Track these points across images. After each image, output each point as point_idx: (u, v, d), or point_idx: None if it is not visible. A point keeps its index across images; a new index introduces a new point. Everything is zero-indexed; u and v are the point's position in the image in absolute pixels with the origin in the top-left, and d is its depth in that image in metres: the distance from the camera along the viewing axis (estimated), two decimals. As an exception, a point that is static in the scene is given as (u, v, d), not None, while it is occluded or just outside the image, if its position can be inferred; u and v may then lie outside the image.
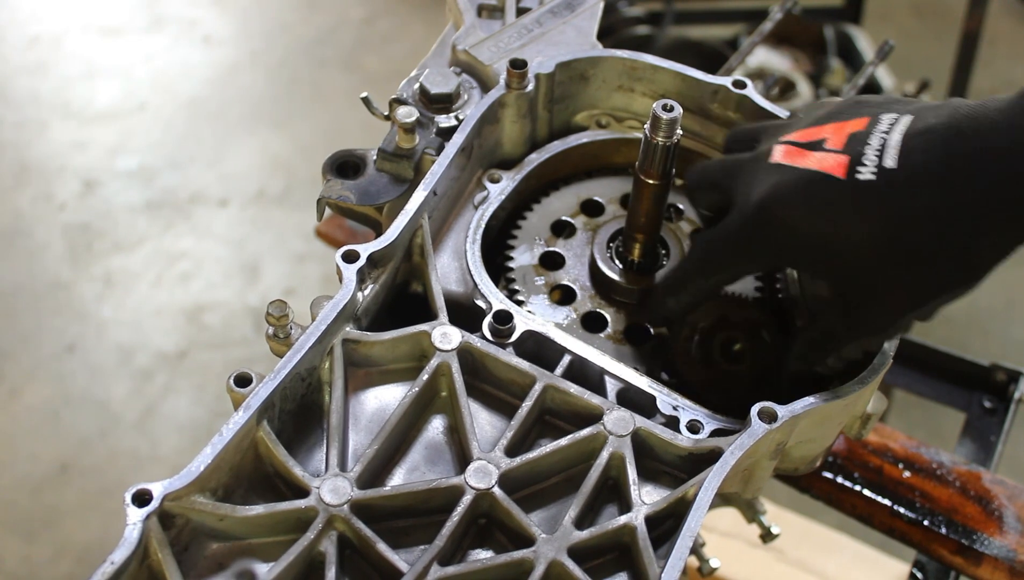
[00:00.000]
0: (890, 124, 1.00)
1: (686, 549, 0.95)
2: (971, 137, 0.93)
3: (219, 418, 3.59)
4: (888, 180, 0.97)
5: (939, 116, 0.97)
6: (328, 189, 1.22)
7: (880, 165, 0.97)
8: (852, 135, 1.02)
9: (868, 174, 0.97)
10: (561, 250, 1.28)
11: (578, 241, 1.29)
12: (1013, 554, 1.46)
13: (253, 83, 4.96)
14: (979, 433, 1.77)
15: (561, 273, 1.26)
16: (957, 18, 3.56)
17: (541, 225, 1.30)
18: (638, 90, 1.35)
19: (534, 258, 1.27)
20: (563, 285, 1.25)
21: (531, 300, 1.22)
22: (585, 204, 1.32)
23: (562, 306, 1.22)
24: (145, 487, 0.92)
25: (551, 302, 1.23)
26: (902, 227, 0.96)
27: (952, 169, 0.94)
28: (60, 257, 4.15)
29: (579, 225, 1.30)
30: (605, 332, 1.20)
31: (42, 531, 3.34)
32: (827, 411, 1.06)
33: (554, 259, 1.27)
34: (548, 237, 1.29)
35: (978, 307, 4.04)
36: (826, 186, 0.99)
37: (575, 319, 1.21)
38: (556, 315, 1.21)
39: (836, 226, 0.99)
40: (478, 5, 1.40)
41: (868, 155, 0.99)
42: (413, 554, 0.99)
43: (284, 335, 1.07)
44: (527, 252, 1.27)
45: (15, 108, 4.79)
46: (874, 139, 1.00)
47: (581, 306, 1.23)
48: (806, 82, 3.68)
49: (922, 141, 0.96)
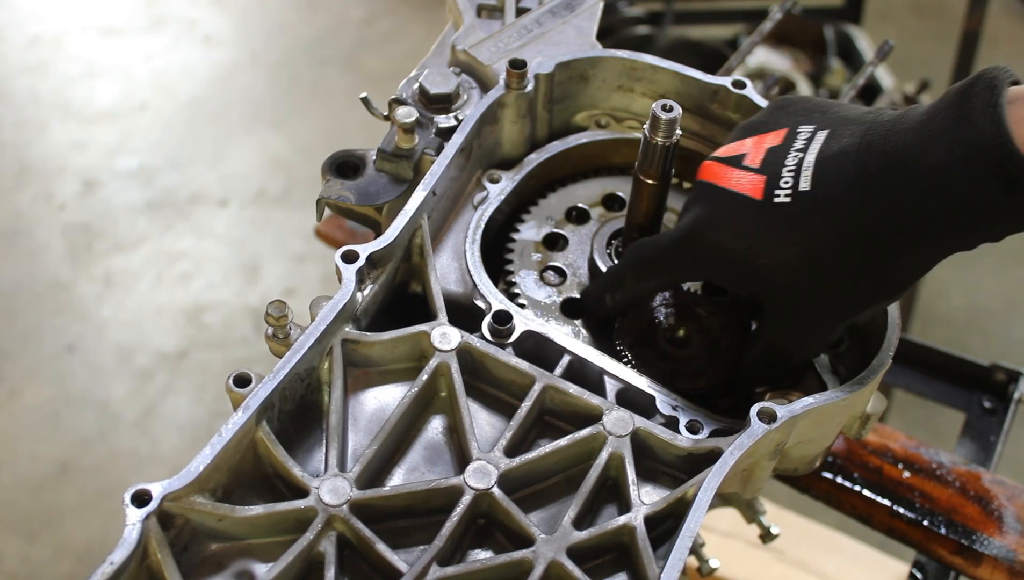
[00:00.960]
0: (806, 141, 1.02)
1: (686, 549, 0.95)
2: (883, 156, 0.94)
3: (219, 418, 3.59)
4: (803, 204, 0.98)
5: (854, 134, 0.98)
6: (328, 189, 1.22)
7: (795, 188, 0.99)
8: (769, 151, 1.03)
9: (783, 197, 0.99)
10: (568, 234, 1.29)
11: (586, 230, 1.29)
12: (1013, 554, 1.46)
13: (253, 83, 4.96)
14: (979, 433, 1.77)
15: (559, 255, 1.27)
16: (957, 18, 3.56)
17: (558, 207, 1.31)
18: (638, 90, 1.35)
19: (539, 235, 1.28)
20: (556, 266, 1.26)
21: (520, 273, 1.24)
22: (607, 197, 1.33)
23: (548, 286, 1.23)
24: (145, 487, 0.92)
25: (539, 280, 1.24)
26: (819, 250, 0.98)
27: (866, 190, 0.95)
28: (60, 257, 4.15)
29: (595, 216, 1.31)
30: (581, 320, 1.21)
31: (42, 531, 3.34)
32: (827, 411, 1.06)
33: (557, 241, 1.28)
34: (559, 220, 1.30)
35: (978, 307, 4.04)
36: (745, 209, 1.02)
37: (555, 301, 1.22)
38: (539, 293, 1.22)
39: (757, 248, 1.02)
40: (478, 5, 1.40)
41: (784, 177, 1.00)
42: (413, 554, 0.99)
43: (283, 335, 1.07)
44: (534, 228, 1.28)
45: (15, 108, 4.79)
46: (790, 158, 1.01)
47: (566, 290, 1.23)
48: (806, 82, 3.67)
49: (835, 163, 0.97)
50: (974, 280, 4.12)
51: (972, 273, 4.13)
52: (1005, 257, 4.21)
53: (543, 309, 1.19)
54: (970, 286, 4.10)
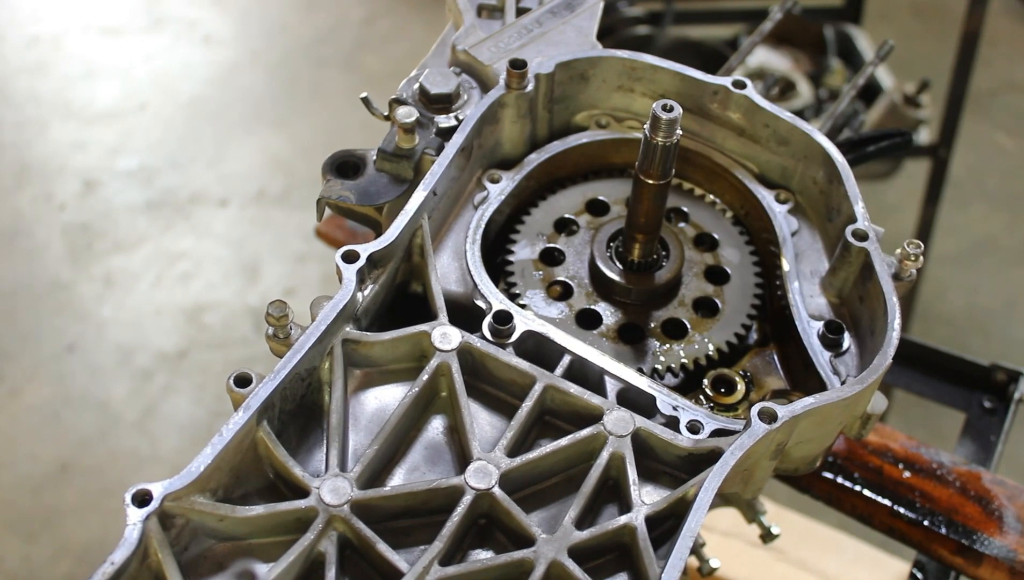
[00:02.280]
0: None
1: (686, 549, 0.95)
2: None
3: (219, 418, 3.59)
4: None
5: None
6: (328, 189, 1.22)
7: None
8: None
9: None
10: (562, 247, 1.28)
11: (580, 239, 1.29)
12: (1013, 554, 1.46)
13: (253, 83, 4.96)
14: (979, 433, 1.77)
15: (559, 269, 1.26)
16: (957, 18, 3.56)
17: (545, 221, 1.30)
18: (638, 90, 1.35)
19: (534, 253, 1.27)
20: (560, 281, 1.25)
21: (527, 294, 1.23)
22: (590, 203, 1.32)
23: (558, 302, 1.23)
24: (145, 487, 0.92)
25: (548, 297, 1.23)
26: None
27: None
28: (60, 257, 4.15)
29: (582, 224, 1.30)
30: (599, 329, 1.21)
31: (42, 531, 3.34)
32: (827, 411, 1.06)
33: (554, 255, 1.28)
34: (550, 234, 1.29)
35: (978, 307, 4.04)
36: None
37: (570, 315, 1.22)
38: (551, 310, 1.22)
39: None
40: (478, 5, 1.40)
41: None
42: (413, 554, 0.99)
43: (284, 335, 1.07)
44: (528, 247, 1.28)
45: (15, 108, 4.79)
46: None
47: (577, 303, 1.23)
48: (806, 82, 3.67)
49: None
50: (974, 280, 4.12)
51: (972, 273, 4.13)
52: (1005, 257, 4.21)
53: (559, 326, 1.18)
54: (970, 286, 4.10)
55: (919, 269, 1.18)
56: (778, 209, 1.29)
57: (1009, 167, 4.63)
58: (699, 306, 1.25)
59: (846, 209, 1.21)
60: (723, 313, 1.24)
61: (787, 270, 1.23)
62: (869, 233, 1.17)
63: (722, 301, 1.25)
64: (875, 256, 1.15)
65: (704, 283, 1.27)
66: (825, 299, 1.22)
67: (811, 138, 1.26)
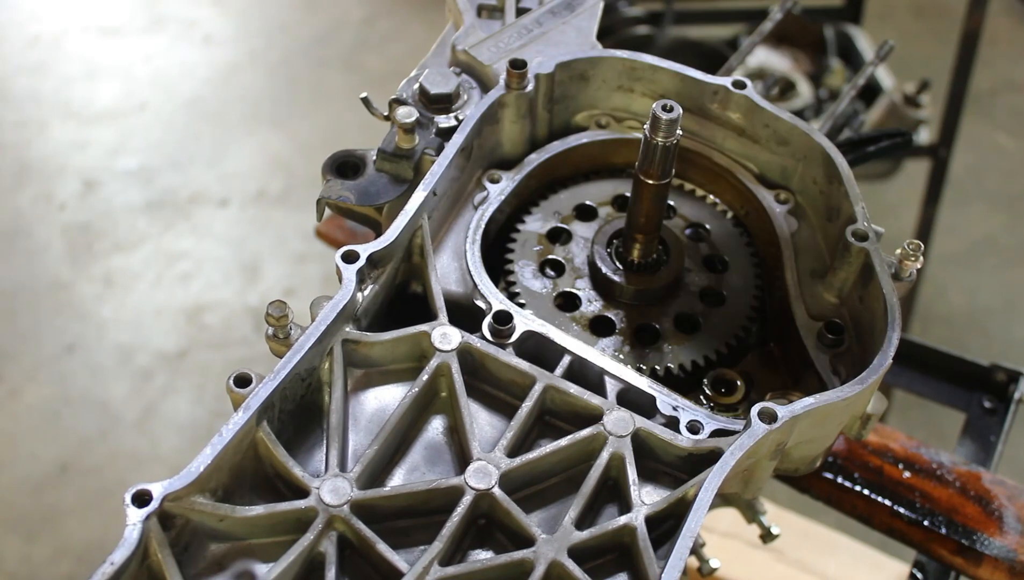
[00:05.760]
0: None
1: (686, 549, 0.95)
2: None
3: (219, 418, 3.59)
4: None
5: None
6: (328, 189, 1.22)
7: None
8: None
9: None
10: (572, 229, 1.29)
11: (591, 228, 1.29)
12: (1013, 554, 1.46)
13: (253, 83, 4.96)
14: (979, 433, 1.77)
15: (560, 249, 1.27)
16: (957, 18, 3.56)
17: (568, 203, 1.31)
18: (638, 90, 1.35)
19: (544, 229, 1.28)
20: (555, 260, 1.26)
21: (519, 262, 1.24)
22: (618, 198, 1.33)
23: (544, 277, 1.23)
24: (145, 487, 0.92)
25: (536, 271, 1.24)
26: None
27: None
28: (60, 257, 4.15)
29: (602, 214, 1.31)
30: (575, 313, 1.21)
31: (42, 531, 3.34)
32: (827, 411, 1.06)
33: (560, 235, 1.28)
34: (567, 215, 1.30)
35: (978, 307, 4.04)
36: None
37: (550, 294, 1.22)
38: (534, 284, 1.23)
39: None
40: (478, 5, 1.40)
41: None
42: (413, 554, 0.99)
43: (284, 335, 1.07)
44: (540, 221, 1.29)
45: (15, 108, 4.79)
46: None
47: (563, 284, 1.23)
48: (806, 82, 3.68)
49: None
50: (974, 280, 4.12)
51: (972, 273, 4.13)
52: (1005, 257, 4.21)
53: (538, 299, 1.20)
54: (970, 286, 4.10)
55: (919, 269, 1.18)
56: (778, 209, 1.29)
57: (1009, 167, 4.63)
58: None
59: (846, 209, 1.21)
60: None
61: (787, 270, 1.23)
62: (869, 233, 1.17)
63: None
64: (875, 256, 1.15)
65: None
66: (825, 299, 1.22)
67: (811, 138, 1.26)
